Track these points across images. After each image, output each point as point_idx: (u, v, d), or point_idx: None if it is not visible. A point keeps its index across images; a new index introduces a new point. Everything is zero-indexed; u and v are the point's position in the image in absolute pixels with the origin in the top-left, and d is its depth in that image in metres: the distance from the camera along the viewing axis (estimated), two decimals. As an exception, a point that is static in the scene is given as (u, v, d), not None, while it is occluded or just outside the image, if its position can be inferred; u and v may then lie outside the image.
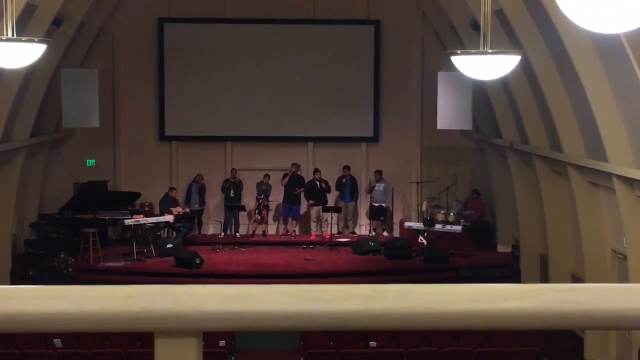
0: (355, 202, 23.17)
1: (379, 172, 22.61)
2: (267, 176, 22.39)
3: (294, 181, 22.44)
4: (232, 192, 22.28)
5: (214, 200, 23.17)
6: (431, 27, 22.92)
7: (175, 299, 1.56)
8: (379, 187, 22.47)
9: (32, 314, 1.56)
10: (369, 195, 22.72)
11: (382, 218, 22.83)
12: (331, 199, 22.82)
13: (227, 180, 22.53)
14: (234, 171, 22.71)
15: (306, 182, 22.77)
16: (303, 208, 22.96)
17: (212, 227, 23.11)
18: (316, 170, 22.59)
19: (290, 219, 22.84)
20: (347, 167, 22.73)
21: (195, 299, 1.56)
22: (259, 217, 22.47)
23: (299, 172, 22.67)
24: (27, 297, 1.58)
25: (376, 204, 22.51)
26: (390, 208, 23.11)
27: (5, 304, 1.57)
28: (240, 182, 22.63)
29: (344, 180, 22.71)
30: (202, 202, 22.64)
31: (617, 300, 1.61)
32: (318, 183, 22.42)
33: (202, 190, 22.63)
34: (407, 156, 23.78)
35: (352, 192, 22.83)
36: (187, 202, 22.33)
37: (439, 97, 19.43)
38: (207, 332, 1.64)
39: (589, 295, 1.62)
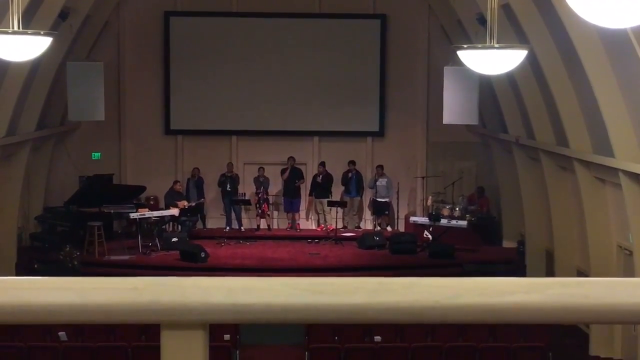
0: (361, 197, 23.17)
1: (380, 167, 22.61)
2: (261, 169, 22.44)
3: (292, 174, 22.50)
4: (228, 186, 22.31)
5: (216, 194, 23.13)
6: (437, 22, 22.88)
7: (182, 291, 1.55)
8: (382, 182, 22.46)
9: (39, 306, 1.56)
10: (372, 190, 22.72)
11: (386, 213, 22.83)
12: (337, 193, 22.83)
13: (222, 175, 22.54)
14: (230, 165, 22.70)
15: (306, 175, 22.89)
16: (303, 200, 23.03)
17: (217, 221, 23.10)
18: (320, 164, 22.65)
19: (292, 212, 22.90)
20: (352, 162, 22.73)
21: (202, 291, 1.56)
22: (260, 211, 22.50)
23: (296, 165, 22.71)
24: (34, 289, 1.58)
25: (380, 199, 22.51)
26: (393, 203, 23.06)
27: (11, 296, 1.57)
28: (237, 176, 22.62)
29: (349, 175, 22.71)
30: (201, 196, 22.61)
31: (626, 294, 1.60)
32: (319, 176, 22.51)
33: (199, 184, 22.60)
34: (412, 151, 23.76)
35: (357, 187, 22.83)
36: (186, 197, 22.32)
37: (445, 92, 19.41)
38: (213, 325, 1.64)
39: (597, 290, 1.61)
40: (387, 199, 22.59)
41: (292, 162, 22.57)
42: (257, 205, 22.52)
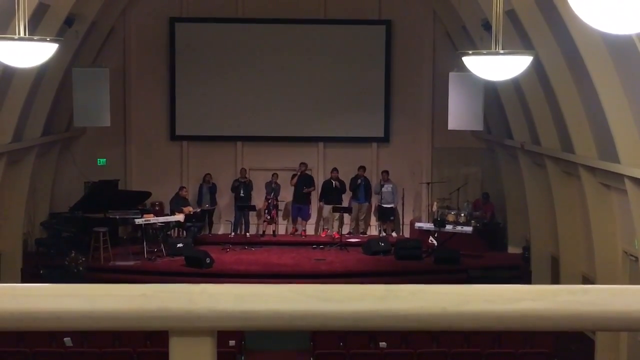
0: (369, 203, 23.13)
1: (386, 173, 22.60)
2: (275, 175, 22.42)
3: (302, 181, 22.47)
4: (241, 191, 22.31)
5: (224, 199, 23.19)
6: (442, 28, 22.89)
7: (190, 298, 1.56)
8: (387, 188, 22.45)
9: (48, 312, 1.57)
10: (377, 196, 22.70)
11: (392, 218, 22.82)
12: (345, 199, 22.78)
13: (236, 180, 22.57)
14: (243, 171, 22.75)
15: (316, 181, 22.85)
16: (312, 207, 22.99)
17: (222, 227, 23.13)
18: (333, 170, 22.60)
19: (299, 219, 22.86)
20: (362, 168, 22.69)
21: (210, 298, 1.56)
22: (269, 217, 22.49)
23: (307, 172, 22.69)
24: (43, 296, 1.59)
25: (385, 205, 22.49)
26: (398, 209, 23.03)
27: (20, 303, 1.57)
28: (250, 181, 22.67)
29: (358, 181, 22.66)
30: (214, 202, 22.68)
31: (632, 301, 1.60)
32: (333, 182, 22.44)
33: (213, 190, 22.68)
34: (417, 157, 23.75)
35: (366, 193, 22.79)
36: (199, 202, 22.38)
37: (450, 98, 19.39)
38: (221, 331, 1.64)
39: (603, 297, 1.61)
40: (392, 205, 22.57)
41: (302, 168, 22.54)
42: (267, 211, 22.50)
